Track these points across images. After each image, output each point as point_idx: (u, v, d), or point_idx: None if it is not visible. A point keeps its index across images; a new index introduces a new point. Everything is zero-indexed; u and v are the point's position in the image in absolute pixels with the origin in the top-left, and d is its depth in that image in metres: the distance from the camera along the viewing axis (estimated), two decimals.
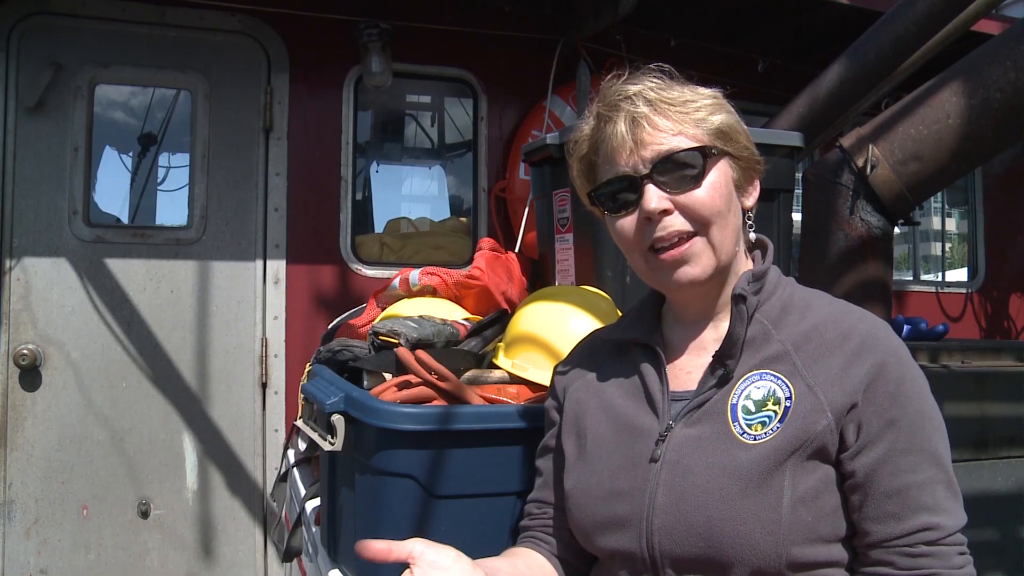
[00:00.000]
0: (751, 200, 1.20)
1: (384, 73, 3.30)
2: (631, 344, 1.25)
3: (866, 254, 2.50)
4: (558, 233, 2.41)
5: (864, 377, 1.06)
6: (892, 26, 2.71)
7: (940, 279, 5.05)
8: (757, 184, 1.21)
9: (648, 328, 1.24)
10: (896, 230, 2.64)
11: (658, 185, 1.11)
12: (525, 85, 3.62)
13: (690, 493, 1.07)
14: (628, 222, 1.14)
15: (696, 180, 1.10)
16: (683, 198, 1.11)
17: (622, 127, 1.12)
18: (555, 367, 1.38)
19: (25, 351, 2.99)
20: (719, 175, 1.13)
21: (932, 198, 4.50)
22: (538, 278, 2.60)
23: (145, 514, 3.13)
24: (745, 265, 1.21)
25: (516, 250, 3.07)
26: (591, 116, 1.19)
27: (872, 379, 1.06)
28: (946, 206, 5.59)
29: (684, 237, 1.11)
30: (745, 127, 1.18)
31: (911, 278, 4.67)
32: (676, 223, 1.11)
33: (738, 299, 1.13)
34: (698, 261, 1.12)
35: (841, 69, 2.82)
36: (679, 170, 1.10)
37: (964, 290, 4.69)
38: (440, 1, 3.50)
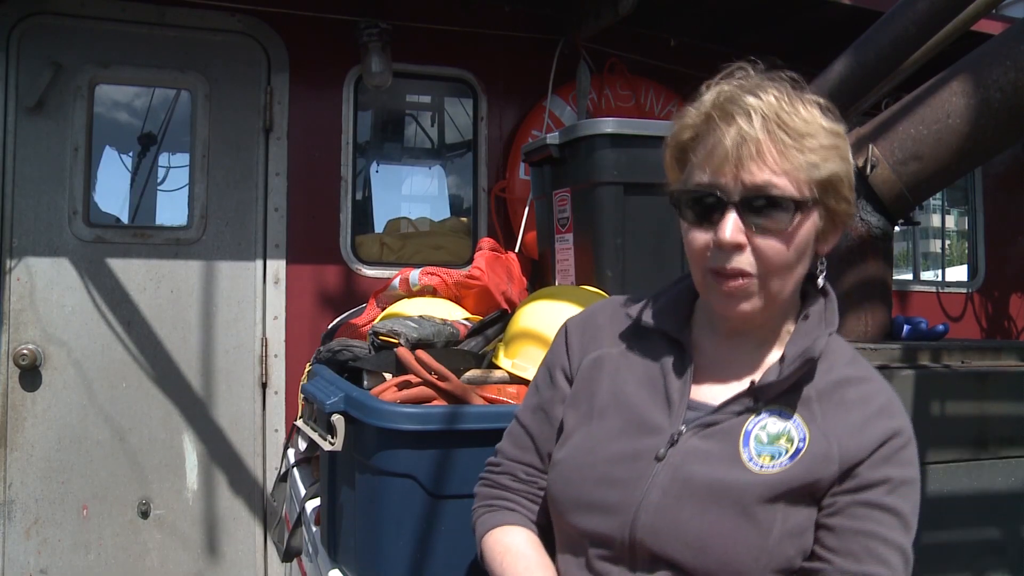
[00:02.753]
0: (828, 247, 1.15)
1: (384, 73, 3.30)
2: (658, 332, 1.21)
3: (866, 254, 2.50)
4: (558, 233, 2.41)
5: (879, 438, 1.08)
6: (892, 26, 2.71)
7: (940, 278, 5.05)
8: (840, 233, 1.16)
9: (679, 323, 1.21)
10: (896, 229, 2.64)
11: (742, 217, 1.06)
12: (525, 85, 3.62)
13: (686, 500, 1.07)
14: (700, 237, 1.09)
15: (780, 231, 1.06)
16: (760, 241, 1.06)
17: (728, 142, 1.05)
18: (569, 326, 1.31)
19: (25, 351, 2.99)
20: (806, 228, 1.08)
21: (932, 196, 4.50)
22: (538, 278, 2.60)
23: (145, 514, 3.13)
24: (794, 300, 1.18)
25: (516, 250, 3.07)
26: (702, 106, 1.11)
27: (882, 442, 1.08)
28: (946, 204, 5.59)
29: (745, 274, 1.07)
30: (852, 175, 1.12)
31: (911, 278, 4.67)
32: (743, 262, 1.07)
33: (809, 361, 1.11)
34: (749, 301, 1.09)
35: (841, 69, 2.82)
36: (769, 213, 1.05)
37: (964, 290, 4.69)
38: (440, 1, 3.50)
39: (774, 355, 1.17)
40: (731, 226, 1.05)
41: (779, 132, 1.04)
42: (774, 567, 1.04)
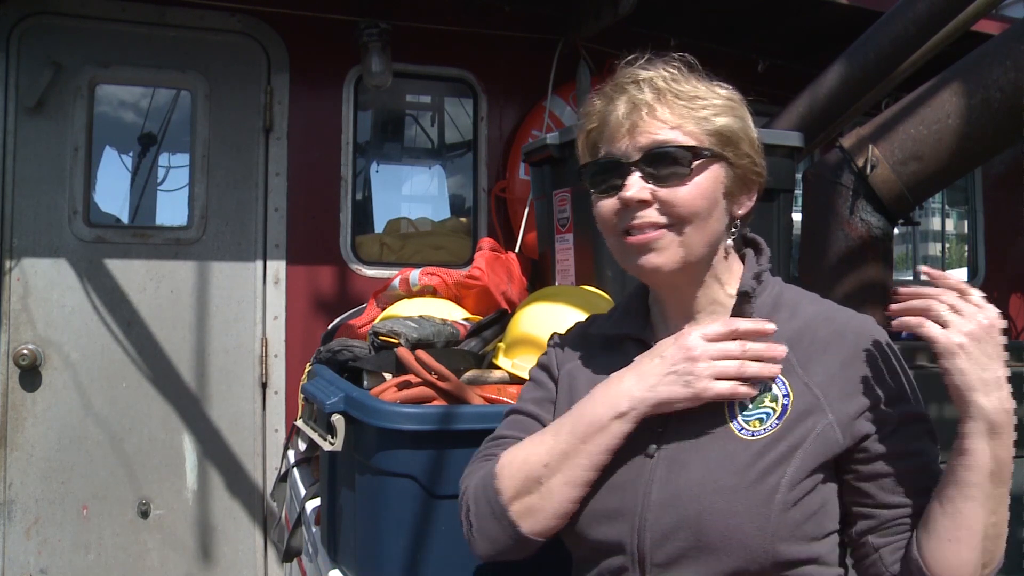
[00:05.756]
0: (743, 210, 1.18)
1: (384, 73, 3.30)
2: (623, 339, 1.25)
3: (866, 254, 2.50)
4: (558, 233, 2.41)
5: (867, 376, 1.08)
6: (892, 26, 2.71)
7: None
8: (754, 195, 1.19)
9: (639, 323, 1.24)
10: (896, 230, 2.64)
11: (643, 175, 1.10)
12: (525, 85, 3.62)
13: (684, 487, 1.07)
14: (608, 204, 1.14)
15: (682, 178, 1.10)
16: (665, 192, 1.10)
17: (620, 110, 1.12)
18: (550, 340, 1.36)
19: (25, 351, 2.99)
20: (708, 178, 1.11)
21: (932, 198, 4.50)
22: (538, 278, 2.60)
23: (145, 514, 3.13)
24: (729, 268, 1.20)
25: (516, 250, 3.07)
26: (602, 94, 1.18)
27: (876, 377, 1.08)
28: (945, 206, 5.60)
29: (655, 228, 1.11)
30: (753, 135, 1.16)
31: (911, 278, 4.67)
32: (651, 215, 1.10)
33: (744, 296, 1.14)
34: (663, 252, 1.11)
35: (841, 69, 2.82)
36: (667, 164, 1.09)
37: None
38: (440, 1, 3.50)
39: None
40: (634, 183, 1.10)
41: (669, 95, 1.11)
42: (782, 535, 1.03)
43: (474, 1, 3.51)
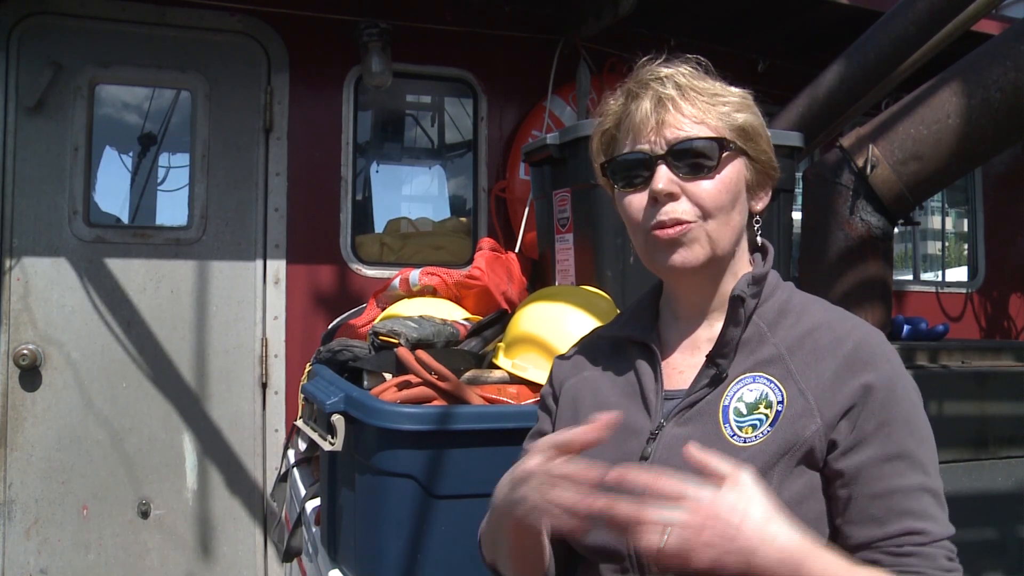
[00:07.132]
0: (761, 205, 1.21)
1: (384, 73, 3.30)
2: (628, 342, 1.25)
3: (866, 254, 2.50)
4: (558, 233, 2.41)
5: (857, 385, 1.06)
6: (892, 26, 2.71)
7: (940, 279, 5.05)
8: (769, 191, 1.22)
9: (645, 326, 1.25)
10: (896, 229, 2.64)
11: (671, 168, 1.12)
12: (525, 85, 3.62)
13: None
14: (636, 199, 1.15)
15: (709, 171, 1.11)
16: (692, 186, 1.11)
17: (647, 105, 1.13)
18: (555, 358, 1.38)
19: (25, 351, 2.99)
20: (732, 171, 1.14)
21: (931, 198, 4.50)
22: (538, 278, 2.60)
23: (145, 514, 3.13)
24: (745, 267, 1.21)
25: (516, 250, 3.07)
26: (620, 93, 1.20)
27: (865, 386, 1.06)
28: (945, 205, 5.60)
29: (683, 223, 1.12)
30: (768, 133, 1.19)
31: (911, 278, 4.67)
32: (679, 209, 1.11)
33: (736, 301, 1.13)
34: (692, 246, 1.12)
35: (841, 69, 2.82)
36: (694, 158, 1.11)
37: (964, 290, 4.69)
38: (440, 1, 3.50)
39: None
40: (663, 176, 1.11)
41: (691, 91, 1.13)
42: None
43: (474, 1, 3.51)
